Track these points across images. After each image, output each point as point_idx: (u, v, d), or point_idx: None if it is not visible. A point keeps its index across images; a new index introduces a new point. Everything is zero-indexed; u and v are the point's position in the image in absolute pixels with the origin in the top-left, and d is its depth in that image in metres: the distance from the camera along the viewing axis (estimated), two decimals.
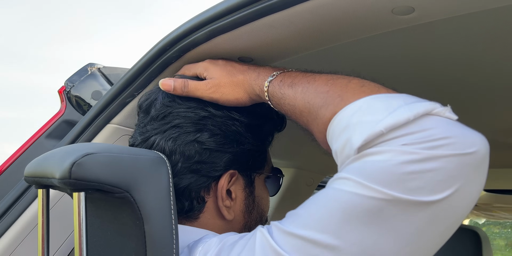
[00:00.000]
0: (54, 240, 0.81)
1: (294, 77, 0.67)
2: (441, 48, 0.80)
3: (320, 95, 0.60)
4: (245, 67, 0.75)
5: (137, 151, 0.59)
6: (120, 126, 0.89)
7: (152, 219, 0.54)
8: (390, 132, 0.49)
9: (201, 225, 0.71)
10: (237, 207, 0.73)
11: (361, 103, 0.55)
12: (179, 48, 0.79)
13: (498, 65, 0.87)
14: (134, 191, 0.54)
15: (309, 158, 1.74)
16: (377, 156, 0.49)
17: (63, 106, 0.98)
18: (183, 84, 0.72)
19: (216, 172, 0.70)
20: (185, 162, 0.69)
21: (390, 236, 0.48)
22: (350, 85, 0.59)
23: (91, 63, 1.07)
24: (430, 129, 0.49)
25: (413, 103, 0.52)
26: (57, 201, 0.82)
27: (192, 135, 0.70)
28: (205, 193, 0.71)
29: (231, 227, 0.73)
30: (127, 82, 0.86)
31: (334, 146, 0.56)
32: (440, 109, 0.51)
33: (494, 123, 1.27)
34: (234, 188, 0.73)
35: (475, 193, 0.51)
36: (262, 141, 0.77)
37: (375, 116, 0.51)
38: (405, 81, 0.98)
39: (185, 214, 0.70)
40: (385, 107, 0.52)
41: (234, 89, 0.72)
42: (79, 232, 0.53)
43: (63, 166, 0.52)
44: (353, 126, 0.52)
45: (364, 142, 0.50)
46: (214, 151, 0.70)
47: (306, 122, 0.63)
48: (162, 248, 0.54)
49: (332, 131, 0.56)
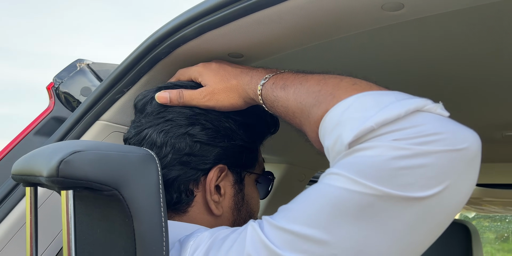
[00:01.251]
0: (43, 239, 0.80)
1: (286, 79, 0.66)
2: (431, 45, 0.81)
3: (312, 95, 0.60)
4: (237, 70, 0.74)
5: (126, 148, 0.59)
6: (109, 123, 0.88)
7: (141, 216, 0.54)
8: (381, 128, 0.49)
9: (190, 219, 0.72)
10: (225, 203, 0.74)
11: (353, 100, 0.55)
12: (169, 44, 0.79)
13: (487, 61, 0.88)
14: (123, 189, 0.53)
15: (301, 154, 1.74)
16: (367, 151, 0.49)
17: (51, 103, 0.97)
18: (178, 95, 0.73)
19: (206, 165, 0.71)
20: (175, 154, 0.70)
21: (380, 232, 0.48)
22: (342, 83, 0.59)
23: (80, 59, 1.06)
24: (421, 125, 0.49)
25: (404, 100, 0.52)
26: (45, 200, 0.81)
27: (184, 128, 0.71)
28: (194, 187, 0.72)
29: (220, 223, 0.73)
30: (117, 78, 0.86)
31: (326, 143, 0.56)
32: (431, 106, 0.51)
33: (484, 117, 1.28)
34: (224, 184, 0.73)
35: (467, 190, 0.51)
36: (254, 140, 0.78)
37: (366, 112, 0.51)
38: (396, 77, 0.98)
39: (173, 206, 0.71)
40: (376, 103, 0.52)
41: (229, 95, 0.72)
42: (68, 230, 0.52)
43: (51, 164, 0.52)
44: (344, 123, 0.52)
45: (354, 138, 0.50)
46: (205, 144, 0.71)
47: (299, 122, 0.63)
48: (151, 245, 0.54)
49: (323, 128, 0.56)
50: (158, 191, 0.56)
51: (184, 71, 0.80)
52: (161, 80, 0.87)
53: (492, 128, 1.37)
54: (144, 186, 0.55)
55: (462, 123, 0.53)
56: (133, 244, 0.54)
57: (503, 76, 0.95)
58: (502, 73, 0.94)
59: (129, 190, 0.54)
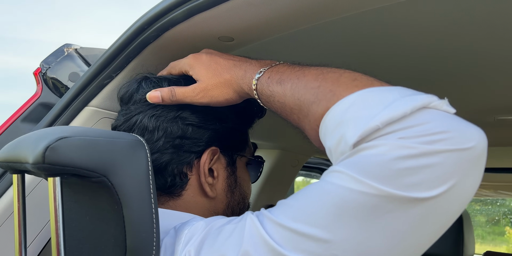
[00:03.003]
0: (32, 228, 0.79)
1: (282, 72, 0.64)
2: (422, 28, 0.79)
3: (311, 91, 0.58)
4: (230, 63, 0.71)
5: (114, 134, 0.57)
6: (98, 109, 0.86)
7: (131, 203, 0.53)
8: (387, 127, 0.48)
9: (185, 202, 0.72)
10: (219, 185, 0.74)
11: (355, 97, 0.52)
12: (157, 27, 0.77)
13: (478, 44, 0.87)
14: (111, 175, 0.52)
15: (294, 139, 1.74)
16: (372, 150, 0.47)
17: (39, 89, 0.94)
18: (170, 93, 0.70)
19: (198, 147, 0.71)
20: (167, 138, 0.70)
21: (383, 232, 0.47)
22: (342, 79, 0.56)
23: (68, 44, 1.03)
24: (428, 122, 0.47)
25: (409, 96, 0.50)
26: (34, 187, 0.80)
27: (175, 111, 0.71)
28: (188, 170, 0.72)
29: (214, 205, 0.74)
30: (105, 63, 0.84)
31: (328, 143, 0.54)
32: (437, 102, 0.50)
33: (477, 101, 1.28)
34: (216, 166, 0.74)
35: (472, 189, 0.49)
36: (244, 123, 0.78)
37: (370, 111, 0.49)
38: (388, 61, 0.97)
39: (168, 190, 0.71)
40: (380, 100, 0.50)
41: (223, 90, 0.70)
42: (55, 217, 0.51)
43: (37, 150, 0.51)
44: (347, 122, 0.51)
45: (359, 138, 0.48)
46: (197, 127, 0.71)
47: (297, 119, 0.61)
48: (142, 232, 0.53)
49: (325, 127, 0.54)
50: (148, 177, 0.55)
51: (175, 64, 0.77)
52: (150, 65, 0.85)
53: (485, 112, 1.37)
54: (133, 172, 0.54)
55: (454, 107, 0.52)
56: (123, 231, 0.53)
57: (495, 59, 0.95)
58: (493, 57, 0.93)
59: (118, 176, 0.53)
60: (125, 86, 0.77)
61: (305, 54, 0.94)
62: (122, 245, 0.53)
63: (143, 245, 0.53)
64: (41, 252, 0.82)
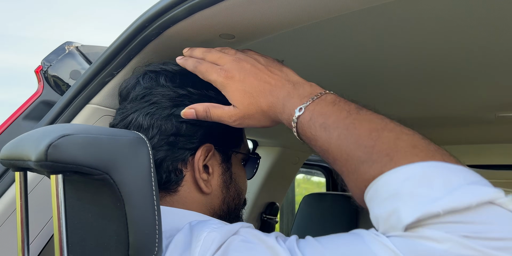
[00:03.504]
0: (35, 225, 0.80)
1: (326, 116, 0.59)
2: (423, 25, 0.79)
3: (363, 149, 0.54)
4: (266, 88, 0.67)
5: (116, 131, 0.58)
6: (100, 107, 0.86)
7: (133, 200, 0.53)
8: (448, 215, 0.45)
9: (181, 198, 0.73)
10: (214, 181, 0.75)
11: (415, 169, 0.50)
12: (158, 25, 0.77)
13: (479, 41, 0.87)
14: (113, 173, 0.52)
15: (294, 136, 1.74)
16: (435, 243, 0.45)
17: (40, 86, 0.95)
18: (206, 114, 0.70)
19: (192, 144, 0.72)
20: (162, 135, 0.71)
21: None
22: (400, 143, 0.53)
23: (69, 42, 1.03)
24: (494, 224, 0.45)
25: (474, 185, 0.48)
26: (36, 185, 0.80)
27: (169, 109, 0.72)
28: (182, 166, 0.72)
29: (210, 201, 0.75)
30: (106, 60, 0.84)
31: (376, 211, 0.52)
32: (504, 200, 0.47)
33: (477, 98, 1.28)
34: (211, 163, 0.75)
35: None
36: None
37: (432, 191, 0.47)
38: (391, 57, 0.97)
39: (164, 186, 0.72)
40: (443, 182, 0.48)
41: (260, 119, 0.69)
42: (58, 214, 0.51)
43: (39, 148, 0.51)
44: (404, 196, 0.48)
45: (416, 220, 0.46)
46: (190, 124, 0.72)
47: (339, 169, 0.58)
48: (144, 229, 0.54)
49: (375, 191, 0.52)
50: (150, 174, 0.55)
51: (204, 71, 0.72)
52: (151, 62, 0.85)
53: (485, 109, 1.38)
54: (135, 170, 0.54)
55: (456, 104, 0.52)
56: (125, 228, 0.53)
57: (495, 57, 0.95)
58: (494, 54, 0.93)
59: (120, 173, 0.53)
60: (126, 81, 0.78)
61: (306, 52, 0.94)
62: (124, 242, 0.53)
63: (145, 241, 0.53)
64: (44, 249, 0.83)
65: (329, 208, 1.41)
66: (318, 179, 2.96)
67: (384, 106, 1.41)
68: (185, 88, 0.74)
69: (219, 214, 0.76)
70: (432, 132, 1.73)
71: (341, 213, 1.38)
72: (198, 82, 0.74)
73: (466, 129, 1.65)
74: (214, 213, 0.76)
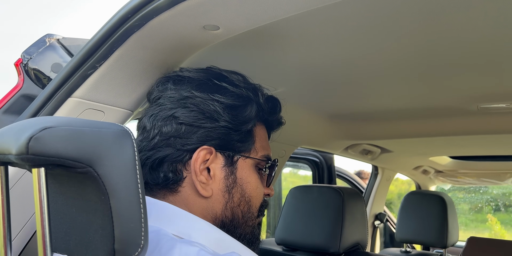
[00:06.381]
0: (16, 221, 0.78)
1: None
2: (412, 16, 0.79)
3: None
4: None
5: (100, 124, 0.56)
6: (82, 100, 0.85)
7: (118, 193, 0.52)
8: None
9: (182, 199, 0.73)
10: (215, 185, 0.74)
11: None
12: (141, 16, 0.76)
13: (462, 31, 0.87)
14: (97, 166, 0.51)
15: (282, 130, 1.73)
16: None
17: (20, 80, 0.92)
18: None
19: (189, 145, 0.73)
20: (161, 136, 0.74)
21: None
22: None
23: (49, 34, 1.01)
24: None
25: None
26: (17, 180, 0.79)
27: (170, 111, 0.74)
28: (182, 167, 0.73)
29: (212, 206, 0.74)
30: (88, 53, 0.82)
31: None
32: None
33: (460, 90, 1.29)
34: (213, 166, 0.74)
35: None
36: (241, 122, 0.77)
37: None
38: (376, 50, 0.97)
39: (164, 184, 0.73)
40: None
41: None
42: (41, 209, 0.50)
43: (20, 141, 0.49)
44: None
45: None
46: (188, 125, 0.73)
47: None
48: (129, 222, 0.53)
49: None
50: (135, 167, 0.54)
51: None
52: (134, 55, 0.84)
53: (468, 101, 1.39)
54: (120, 163, 0.53)
55: (439, 96, 0.52)
56: (111, 221, 0.52)
57: (478, 47, 0.95)
58: (477, 44, 0.94)
59: (104, 166, 0.52)
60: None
61: (293, 43, 0.94)
62: (110, 236, 0.52)
63: (131, 235, 0.52)
64: (27, 246, 0.81)
65: (315, 200, 1.42)
66: (305, 173, 2.97)
67: (369, 99, 1.41)
68: (189, 90, 0.75)
69: (222, 220, 0.75)
70: (416, 123, 1.74)
71: (327, 205, 1.38)
72: (204, 85, 0.76)
73: (449, 121, 1.66)
74: (216, 218, 0.74)
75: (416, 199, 2.30)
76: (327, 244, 1.34)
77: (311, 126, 1.78)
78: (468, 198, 6.03)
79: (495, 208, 5.95)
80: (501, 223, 5.84)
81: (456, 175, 3.06)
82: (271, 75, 1.17)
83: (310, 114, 1.65)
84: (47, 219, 0.51)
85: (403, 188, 5.52)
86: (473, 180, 3.16)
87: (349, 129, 1.89)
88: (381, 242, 3.21)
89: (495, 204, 5.97)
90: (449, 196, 2.28)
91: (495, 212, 5.93)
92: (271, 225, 3.05)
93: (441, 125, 1.74)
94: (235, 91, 0.77)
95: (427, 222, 2.23)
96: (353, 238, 1.38)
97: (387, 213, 3.06)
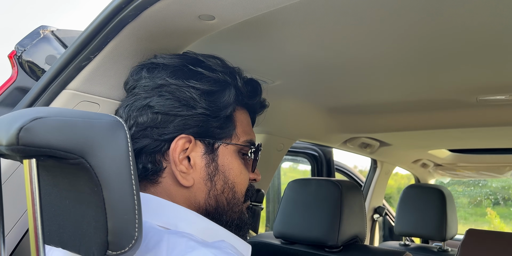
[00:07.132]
0: (10, 215, 0.77)
1: None
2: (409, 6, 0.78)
3: None
4: None
5: (92, 114, 0.55)
6: (77, 92, 0.84)
7: (111, 184, 0.51)
8: None
9: (164, 190, 0.72)
10: (197, 174, 0.73)
11: None
12: (135, 6, 0.75)
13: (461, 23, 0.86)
14: (89, 157, 0.50)
15: (280, 123, 1.73)
16: None
17: (14, 72, 0.91)
18: None
19: (166, 135, 0.71)
20: (138, 127, 0.71)
21: None
22: None
23: (43, 26, 1.00)
24: None
25: None
26: (11, 174, 0.78)
27: (145, 100, 0.72)
28: (161, 158, 0.72)
29: (194, 195, 0.73)
30: (82, 44, 0.81)
31: None
32: None
33: (459, 82, 1.28)
34: (194, 154, 0.73)
35: None
36: (220, 108, 0.75)
37: None
38: (373, 41, 0.96)
39: (144, 175, 0.72)
40: None
41: None
42: (32, 201, 0.49)
43: (10, 131, 0.48)
44: None
45: None
46: (164, 114, 0.71)
47: None
48: (123, 214, 0.52)
49: None
50: (128, 158, 0.53)
51: None
52: (129, 46, 0.83)
53: (467, 93, 1.38)
54: (113, 153, 0.52)
55: (438, 88, 0.51)
56: (104, 213, 0.51)
57: (477, 39, 0.94)
58: (476, 36, 0.93)
59: (97, 158, 0.51)
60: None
61: (291, 36, 0.93)
62: (103, 228, 0.52)
63: (125, 226, 0.52)
64: (21, 241, 0.80)
65: (313, 193, 1.41)
66: (304, 168, 2.97)
67: (367, 92, 1.40)
68: (163, 78, 0.72)
69: (206, 208, 0.73)
70: (415, 116, 1.73)
71: (325, 198, 1.38)
72: (179, 72, 0.73)
73: (448, 113, 1.66)
74: (200, 207, 0.73)
75: (415, 192, 2.30)
76: (325, 237, 1.33)
77: (309, 120, 1.77)
78: (467, 191, 6.04)
79: (494, 202, 5.96)
80: (500, 216, 5.85)
81: (455, 169, 3.06)
82: (269, 68, 1.15)
83: (308, 107, 1.64)
84: (38, 211, 0.50)
85: (403, 182, 5.52)
86: (472, 173, 3.16)
87: (348, 123, 1.88)
88: (380, 236, 3.21)
89: (494, 198, 5.98)
90: (448, 189, 2.28)
91: (494, 205, 5.94)
92: (270, 220, 3.05)
93: (440, 118, 1.73)
94: (211, 76, 0.74)
95: (426, 215, 2.23)
96: (352, 231, 1.38)
97: (386, 207, 3.06)
